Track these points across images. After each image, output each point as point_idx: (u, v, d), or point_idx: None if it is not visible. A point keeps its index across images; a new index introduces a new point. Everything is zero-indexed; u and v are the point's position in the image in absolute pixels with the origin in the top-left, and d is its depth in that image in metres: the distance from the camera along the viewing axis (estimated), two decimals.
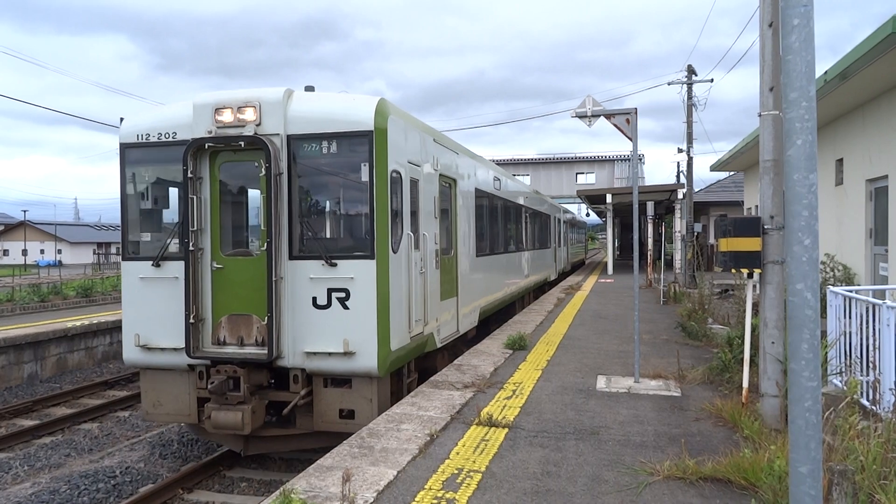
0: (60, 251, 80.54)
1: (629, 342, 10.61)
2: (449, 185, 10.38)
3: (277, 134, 7.37)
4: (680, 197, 25.97)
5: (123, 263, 8.08)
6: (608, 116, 8.39)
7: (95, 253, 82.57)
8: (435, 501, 4.59)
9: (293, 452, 8.24)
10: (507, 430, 6.16)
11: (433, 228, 9.11)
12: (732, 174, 33.67)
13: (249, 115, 7.38)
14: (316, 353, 7.24)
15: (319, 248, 7.35)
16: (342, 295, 7.22)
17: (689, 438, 5.80)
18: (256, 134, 7.32)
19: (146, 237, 8.28)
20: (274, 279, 7.15)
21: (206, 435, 8.06)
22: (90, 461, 8.89)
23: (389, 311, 7.32)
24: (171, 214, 8.18)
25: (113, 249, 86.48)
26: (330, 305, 7.26)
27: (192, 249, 7.41)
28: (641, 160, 59.72)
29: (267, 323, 7.18)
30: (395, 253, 7.54)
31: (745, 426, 5.80)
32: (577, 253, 40.33)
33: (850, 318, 6.90)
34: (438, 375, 8.48)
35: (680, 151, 28.83)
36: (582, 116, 8.49)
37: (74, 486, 7.80)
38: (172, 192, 8.18)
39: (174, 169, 7.65)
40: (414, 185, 8.42)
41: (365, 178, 7.28)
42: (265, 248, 7.23)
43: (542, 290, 22.50)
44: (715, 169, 26.79)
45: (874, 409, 5.82)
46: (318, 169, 7.67)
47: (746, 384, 6.55)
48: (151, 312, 7.76)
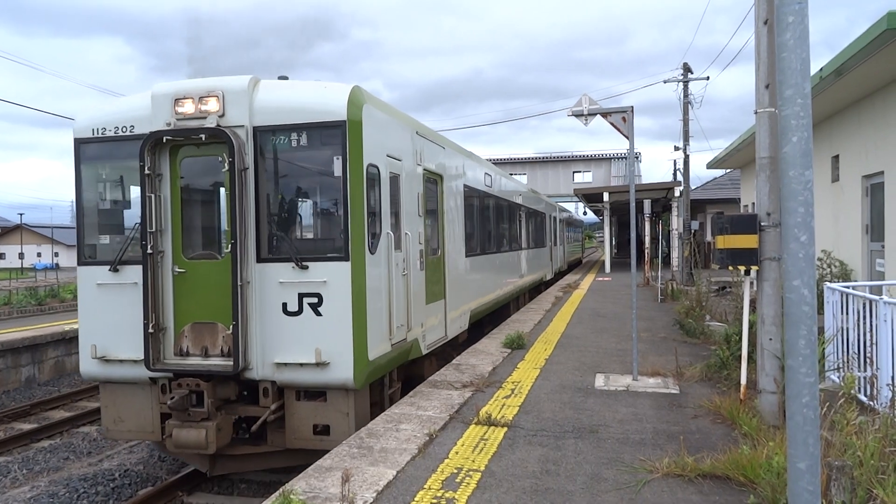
0: (57, 254, 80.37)
1: (627, 340, 10.62)
2: (435, 181, 9.85)
3: (242, 126, 6.81)
4: (677, 195, 26.00)
5: (79, 269, 7.46)
6: (605, 115, 8.40)
7: None
8: (434, 501, 4.59)
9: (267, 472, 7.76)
10: (506, 429, 6.17)
11: (417, 227, 8.63)
12: (729, 171, 33.72)
13: (212, 105, 6.81)
14: (287, 363, 6.68)
15: (289, 249, 6.85)
16: (314, 300, 6.67)
17: (687, 436, 5.81)
18: (219, 126, 6.74)
19: (104, 240, 7.76)
20: (239, 284, 6.61)
21: (170, 453, 7.55)
22: (89, 464, 8.88)
23: (367, 317, 6.79)
24: (131, 215, 7.51)
25: None
26: (301, 312, 6.71)
27: (150, 252, 6.85)
28: (638, 158, 59.81)
29: (232, 332, 6.62)
30: (372, 254, 7.03)
31: (743, 423, 5.81)
32: (573, 252, 40.03)
33: (847, 314, 6.93)
34: (437, 375, 8.48)
35: (676, 149, 28.88)
36: (578, 115, 8.49)
37: (73, 489, 7.80)
38: (133, 190, 7.55)
39: (133, 165, 7.05)
40: (394, 180, 7.87)
41: (338, 172, 6.73)
42: (230, 250, 6.69)
43: (537, 289, 22.12)
44: (711, 166, 26.85)
45: (872, 404, 5.85)
46: (287, 163, 7.13)
47: (744, 381, 6.57)
48: (109, 321, 7.18)
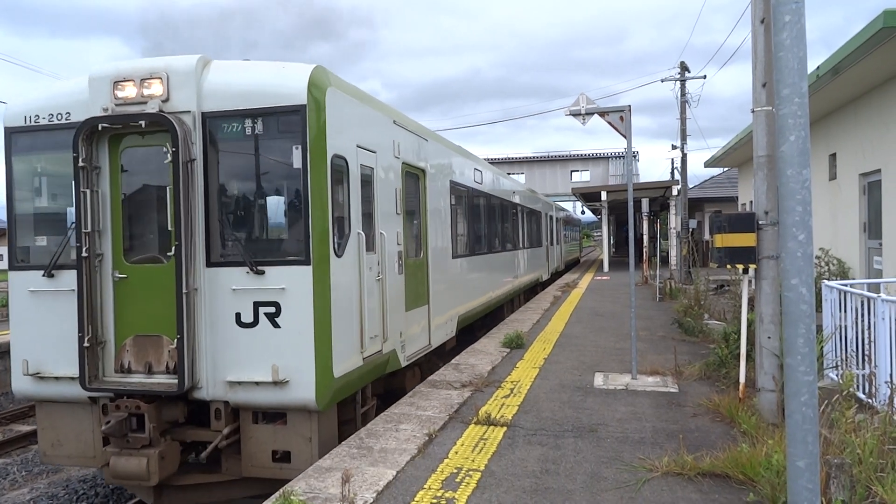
0: (0, 256, 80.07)
1: (626, 339, 10.63)
2: (417, 177, 9.05)
3: (189, 111, 6.08)
4: (675, 193, 26.02)
5: (10, 274, 6.66)
6: (602, 114, 8.41)
7: None
8: (434, 501, 4.59)
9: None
10: (505, 428, 6.18)
11: (395, 227, 7.89)
12: (726, 170, 33.76)
13: (156, 88, 6.08)
14: (240, 382, 5.94)
15: (243, 252, 6.05)
16: (271, 310, 5.96)
17: (686, 434, 5.82)
18: (161, 111, 6.00)
19: (40, 242, 6.84)
20: (185, 291, 5.86)
21: (110, 482, 6.83)
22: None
23: (332, 328, 6.06)
24: (71, 214, 6.64)
25: None
26: (257, 323, 5.98)
27: (86, 256, 6.10)
28: (636, 157, 59.87)
29: (177, 346, 5.89)
30: (339, 256, 6.32)
31: (742, 421, 5.83)
32: (571, 251, 39.47)
33: (845, 311, 6.94)
34: (436, 375, 8.48)
35: (674, 148, 28.91)
36: (576, 115, 8.50)
37: (73, 490, 7.79)
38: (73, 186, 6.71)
39: (69, 157, 6.23)
40: (367, 175, 7.14)
41: (298, 164, 5.99)
42: (173, 252, 5.97)
43: (533, 290, 21.48)
44: (709, 165, 26.87)
45: (870, 402, 5.86)
46: (240, 154, 6.36)
47: (743, 379, 6.58)
48: (44, 334, 6.39)
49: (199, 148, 6.10)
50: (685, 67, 26.91)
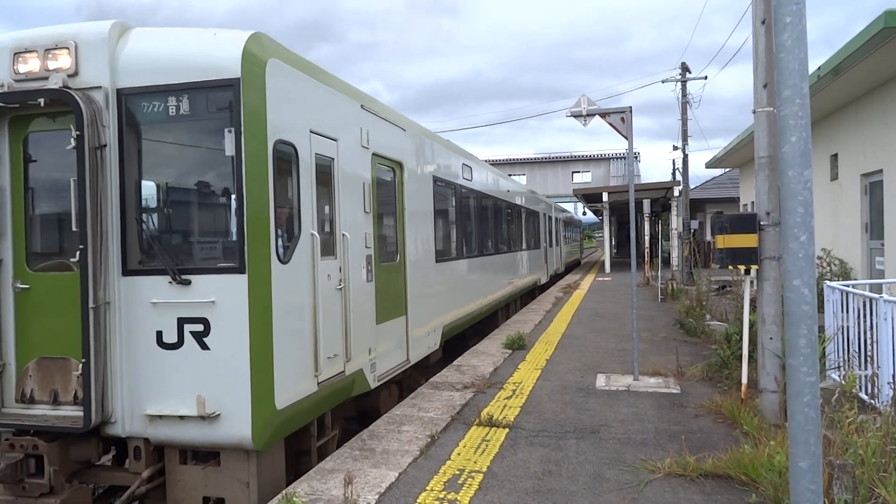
0: None
1: (628, 340, 10.63)
2: (393, 170, 7.98)
3: (100, 87, 5.11)
4: (676, 194, 26.02)
5: None
6: (603, 115, 8.41)
7: None
8: (437, 502, 4.60)
9: None
10: (507, 429, 6.18)
11: (363, 227, 6.85)
12: (728, 171, 33.76)
13: (63, 60, 5.14)
14: (162, 416, 4.99)
15: (165, 257, 5.09)
16: (199, 328, 4.98)
17: (689, 435, 5.81)
18: (66, 87, 5.04)
19: None
20: (92, 305, 4.87)
21: None
22: None
23: (273, 349, 5.08)
24: None
25: None
26: (182, 344, 5.00)
27: None
28: (637, 158, 59.89)
29: (83, 371, 4.88)
30: (284, 262, 5.32)
31: (744, 422, 5.82)
32: (571, 253, 38.66)
33: (847, 312, 6.93)
34: (438, 377, 8.48)
35: (675, 149, 28.91)
36: (577, 116, 8.51)
37: None
38: None
39: None
40: (324, 165, 6.10)
41: (230, 150, 4.99)
42: (77, 258, 4.95)
43: (531, 294, 20.60)
44: (710, 166, 26.86)
45: (873, 402, 5.85)
46: (163, 139, 5.44)
47: (745, 380, 6.58)
48: None
49: (112, 132, 5.13)
50: (686, 68, 26.92)
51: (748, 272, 6.30)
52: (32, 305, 5.31)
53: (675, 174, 35.63)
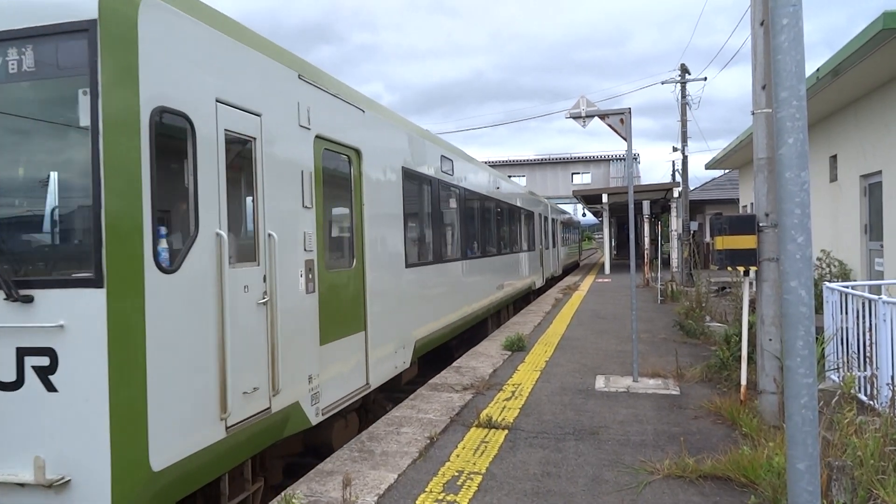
0: None
1: (627, 341, 10.63)
2: (347, 158, 6.71)
3: None
4: (675, 196, 26.03)
5: None
6: (602, 117, 8.42)
7: None
8: None
9: None
10: (506, 431, 6.18)
11: (300, 225, 5.55)
12: (727, 172, 33.78)
13: None
14: None
15: None
16: (43, 362, 3.75)
17: (688, 437, 5.81)
18: None
19: None
20: None
21: None
22: None
23: (147, 388, 3.82)
24: None
25: None
26: (21, 384, 3.77)
27: None
28: (637, 159, 59.95)
29: None
30: (170, 272, 4.06)
31: (743, 423, 5.82)
32: (569, 254, 37.63)
33: (846, 313, 6.94)
34: (437, 378, 8.48)
35: (675, 150, 28.93)
36: (576, 117, 8.51)
37: None
38: None
39: None
40: (238, 145, 4.79)
41: (85, 120, 3.81)
42: None
43: (526, 299, 19.46)
44: (710, 167, 26.88)
45: (871, 403, 5.85)
46: None
47: (744, 381, 6.58)
48: None
49: None
50: (685, 70, 26.95)
51: (747, 273, 6.31)
52: None
53: (674, 175, 35.65)
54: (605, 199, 28.26)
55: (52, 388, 3.75)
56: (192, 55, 4.40)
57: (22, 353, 3.78)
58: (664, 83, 27.04)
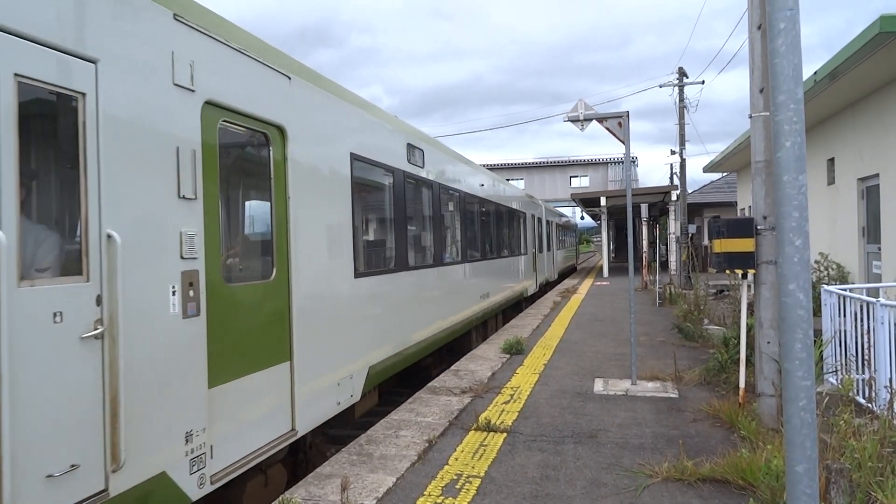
0: None
1: (626, 344, 10.63)
2: (265, 137, 5.24)
3: None
4: (674, 199, 26.07)
5: None
6: (600, 120, 8.44)
7: None
8: None
9: None
10: (505, 434, 6.17)
11: (171, 223, 4.13)
12: (725, 175, 33.84)
13: None
14: None
15: None
16: None
17: (686, 439, 5.81)
18: None
19: None
20: None
21: None
22: None
23: None
24: None
25: None
26: None
27: None
28: (635, 162, 60.02)
29: None
30: None
31: (742, 426, 5.82)
32: (566, 258, 35.93)
33: (844, 316, 6.95)
34: (436, 381, 8.47)
35: (673, 153, 28.98)
36: (574, 120, 8.53)
37: None
38: None
39: None
40: (52, 103, 3.53)
41: None
42: None
43: (518, 306, 18.10)
44: (708, 170, 26.92)
45: (870, 406, 5.86)
46: None
47: (743, 384, 6.58)
48: None
49: None
50: (683, 73, 27.00)
51: (745, 276, 6.32)
52: None
53: (672, 178, 35.70)
54: (603, 202, 28.31)
55: None
56: None
57: None
58: (662, 86, 27.10)
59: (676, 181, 29.57)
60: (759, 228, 6.10)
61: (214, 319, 4.47)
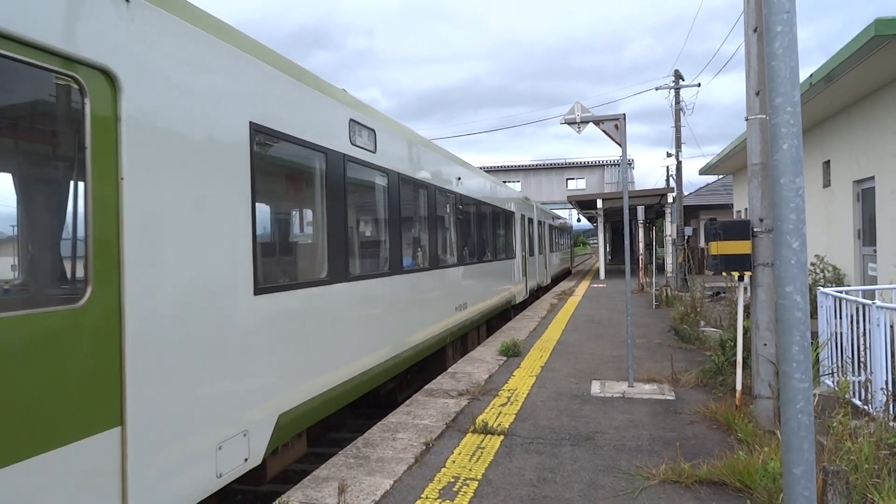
0: None
1: (622, 346, 10.65)
2: (76, 86, 3.51)
3: None
4: (670, 201, 26.11)
5: None
6: (597, 123, 8.45)
7: None
8: None
9: None
10: (502, 437, 6.17)
11: None
12: (721, 178, 33.92)
13: None
14: None
15: None
16: None
17: (683, 442, 5.82)
18: None
19: None
20: None
21: None
22: None
23: None
24: None
25: None
26: None
27: None
28: (631, 165, 60.13)
29: None
30: None
31: (739, 428, 5.83)
32: (560, 261, 34.35)
33: (840, 318, 6.96)
34: (433, 383, 8.46)
35: (669, 156, 29.03)
36: (571, 123, 8.54)
37: None
38: None
39: None
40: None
41: None
42: None
43: (505, 315, 16.46)
44: (704, 172, 26.99)
45: (866, 408, 5.87)
46: None
47: (740, 386, 6.59)
48: None
49: None
50: (679, 76, 27.07)
51: (742, 278, 6.33)
52: None
53: (668, 181, 35.80)
54: (599, 204, 28.33)
55: None
56: None
57: None
58: (658, 89, 27.16)
59: (673, 183, 29.63)
60: (755, 231, 6.12)
61: None
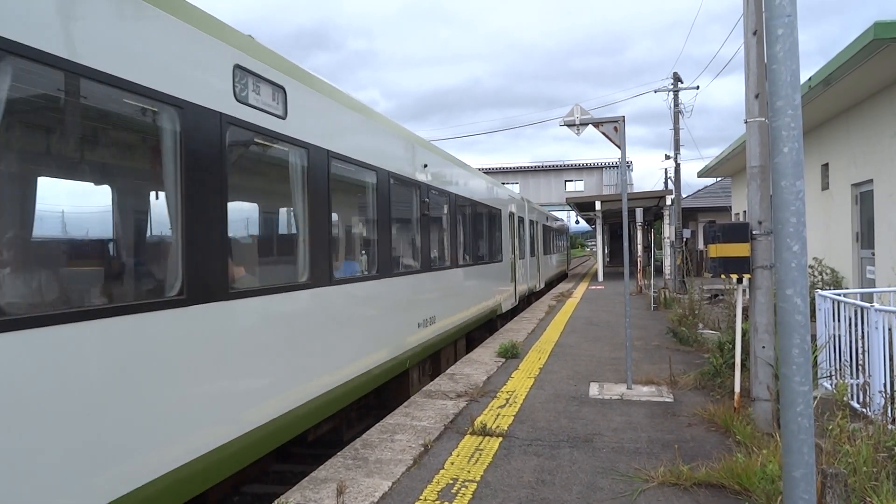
0: None
1: (621, 349, 10.65)
2: None
3: None
4: (668, 203, 26.14)
5: None
6: (596, 125, 8.45)
7: None
8: None
9: None
10: (501, 438, 6.16)
11: None
12: (720, 180, 33.97)
13: None
14: None
15: None
16: None
17: (682, 444, 5.81)
18: None
19: None
20: None
21: None
22: None
23: None
24: None
25: None
26: None
27: None
28: (630, 167, 60.20)
29: None
30: None
31: (737, 431, 5.83)
32: (557, 263, 33.14)
33: (838, 321, 6.97)
34: (431, 385, 8.46)
35: (667, 158, 29.07)
36: (570, 125, 8.54)
37: None
38: None
39: None
40: None
41: None
42: None
43: (490, 325, 14.88)
44: (702, 175, 27.02)
45: (864, 411, 5.88)
46: None
47: (738, 389, 6.59)
48: None
49: None
50: (678, 78, 27.11)
51: (740, 281, 6.33)
52: None
53: (667, 183, 35.84)
54: (598, 206, 28.35)
55: None
56: None
57: None
58: (657, 91, 27.20)
59: (671, 186, 29.65)
60: (754, 234, 6.12)
61: None
